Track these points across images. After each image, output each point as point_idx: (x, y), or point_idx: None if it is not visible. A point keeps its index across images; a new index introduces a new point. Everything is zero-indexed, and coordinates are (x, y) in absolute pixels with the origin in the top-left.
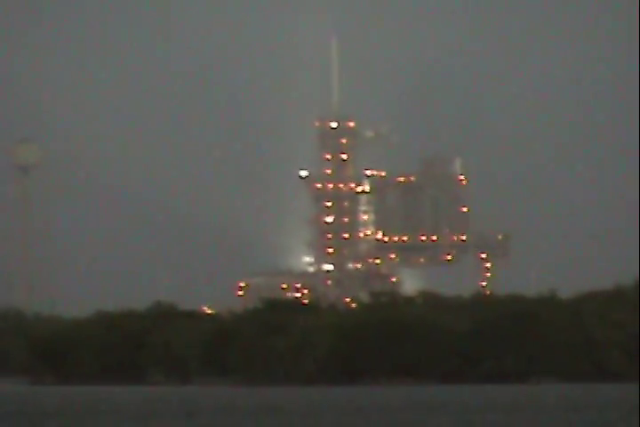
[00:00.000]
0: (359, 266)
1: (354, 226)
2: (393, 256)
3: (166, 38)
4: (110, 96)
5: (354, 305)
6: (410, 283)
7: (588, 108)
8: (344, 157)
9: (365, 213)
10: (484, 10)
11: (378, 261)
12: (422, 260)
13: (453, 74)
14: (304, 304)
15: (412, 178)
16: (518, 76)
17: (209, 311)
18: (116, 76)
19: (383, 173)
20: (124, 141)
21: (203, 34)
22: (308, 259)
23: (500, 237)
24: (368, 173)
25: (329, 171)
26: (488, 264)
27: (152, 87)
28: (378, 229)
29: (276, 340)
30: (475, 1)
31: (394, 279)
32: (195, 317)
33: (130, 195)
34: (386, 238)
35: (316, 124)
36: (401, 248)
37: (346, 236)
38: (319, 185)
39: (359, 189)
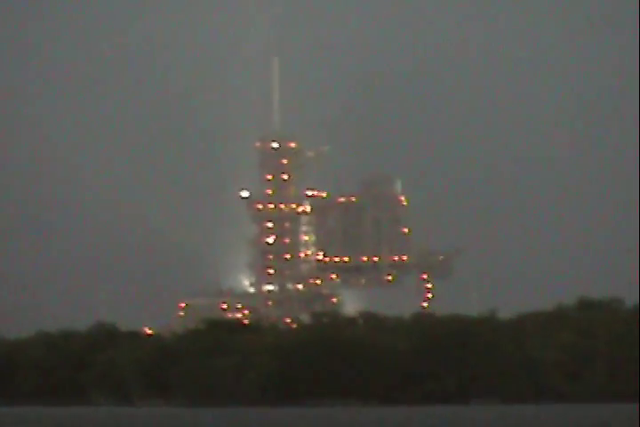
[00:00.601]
0: (300, 287)
1: (295, 246)
2: (334, 277)
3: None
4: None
5: (295, 326)
6: (351, 303)
7: (525, 121)
8: (285, 177)
9: (306, 233)
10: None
11: (319, 281)
12: (363, 280)
13: (392, 94)
14: (245, 325)
15: (353, 198)
16: (457, 93)
17: (150, 332)
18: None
19: (324, 194)
20: (64, 151)
21: (144, 49)
22: (248, 279)
23: (440, 257)
24: (309, 193)
25: (270, 191)
26: (429, 285)
27: (96, 101)
28: (319, 249)
29: (218, 360)
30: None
31: (335, 300)
32: (136, 337)
33: (70, 211)
34: (327, 259)
35: (257, 144)
36: (342, 269)
37: (287, 256)
38: (260, 205)
39: (300, 209)
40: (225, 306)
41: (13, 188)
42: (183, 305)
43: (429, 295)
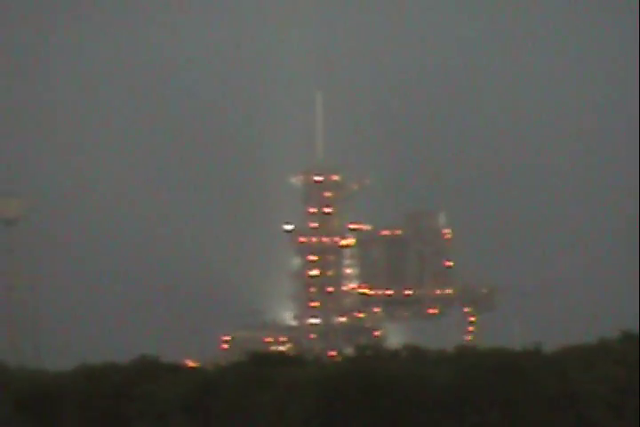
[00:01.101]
0: (343, 320)
1: (338, 279)
2: (377, 310)
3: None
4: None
5: (338, 358)
6: (394, 337)
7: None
8: (328, 210)
9: (350, 266)
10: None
11: (362, 314)
12: (407, 313)
13: (438, 126)
14: (288, 357)
15: (397, 232)
16: (502, 128)
17: (193, 364)
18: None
19: (368, 227)
20: (107, 193)
21: (190, 86)
22: (292, 312)
23: (484, 290)
24: (352, 226)
25: (313, 224)
26: (473, 318)
27: (138, 140)
28: (362, 282)
29: (261, 393)
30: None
31: (378, 333)
32: (178, 370)
33: (116, 247)
34: (370, 292)
35: (301, 177)
36: (385, 302)
37: (330, 289)
38: (304, 239)
39: (343, 242)
40: (269, 339)
41: (57, 221)
42: (227, 338)
43: (472, 329)
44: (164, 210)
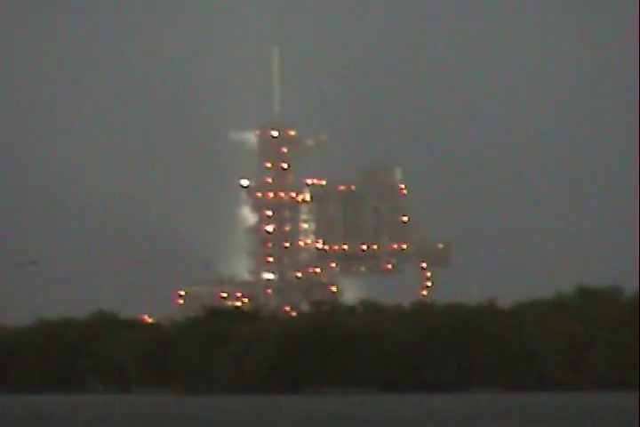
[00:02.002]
0: (299, 275)
1: (294, 235)
2: (333, 265)
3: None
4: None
5: (294, 314)
6: (350, 292)
7: (528, 108)
8: (284, 165)
9: (306, 222)
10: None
11: (318, 270)
12: (363, 269)
13: (394, 82)
14: (244, 313)
15: (353, 187)
16: (459, 82)
17: (149, 320)
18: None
19: (324, 182)
20: (64, 140)
21: (144, 37)
22: (248, 268)
23: (440, 246)
24: (309, 181)
25: (269, 180)
26: (428, 273)
27: (94, 90)
28: (318, 238)
29: (218, 349)
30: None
31: (334, 288)
32: (135, 325)
33: (69, 200)
34: (326, 247)
35: (257, 132)
36: (341, 257)
37: (286, 245)
38: (260, 194)
39: (300, 198)
40: (224, 294)
41: (20, 176)
42: (182, 293)
43: (428, 284)
44: (118, 166)
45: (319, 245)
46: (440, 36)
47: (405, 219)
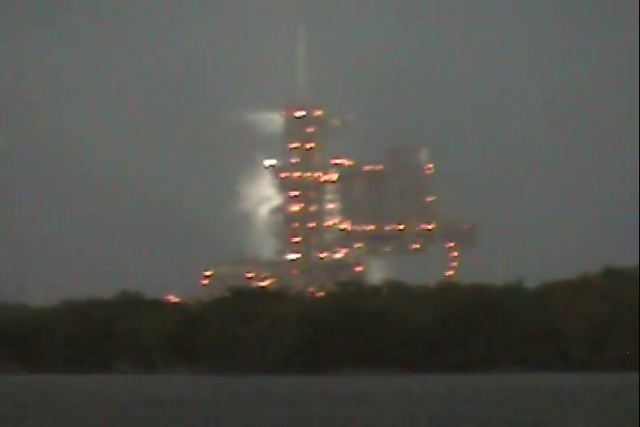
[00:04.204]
0: (325, 255)
1: (320, 215)
2: (359, 245)
3: (131, 25)
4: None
5: (320, 294)
6: (376, 272)
7: (555, 96)
8: (310, 145)
9: (332, 202)
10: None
11: (344, 250)
12: (388, 249)
13: (422, 63)
14: (270, 293)
15: (379, 167)
16: (486, 66)
17: (175, 300)
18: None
19: (350, 163)
20: (90, 126)
21: (167, 22)
22: (273, 248)
23: (466, 226)
24: (335, 162)
25: (295, 160)
26: (454, 253)
27: (116, 73)
28: (344, 218)
29: (243, 329)
30: None
31: (360, 269)
32: (161, 305)
33: (96, 183)
34: (352, 228)
35: (283, 112)
36: (367, 238)
37: (312, 225)
38: (285, 174)
39: (325, 178)
40: (250, 274)
41: (41, 159)
42: (208, 274)
43: (454, 264)
44: (144, 147)
45: (345, 226)
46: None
47: (431, 199)
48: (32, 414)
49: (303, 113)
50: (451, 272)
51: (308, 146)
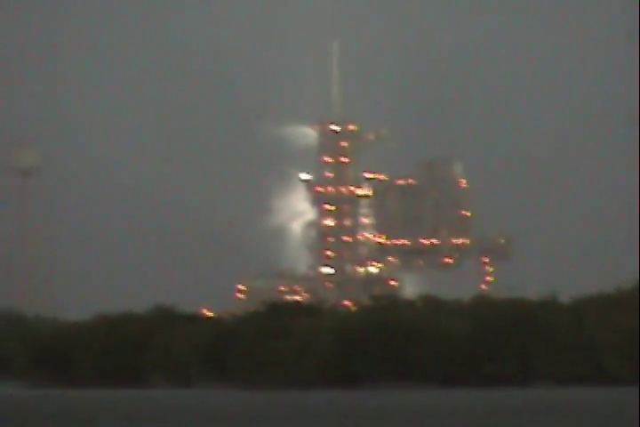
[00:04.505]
0: (359, 269)
1: (354, 229)
2: (393, 260)
3: (166, 39)
4: (112, 98)
5: (354, 308)
6: (410, 287)
7: (593, 109)
8: (344, 160)
9: (366, 216)
10: (485, 11)
11: (378, 264)
12: (423, 263)
13: (456, 76)
14: (304, 307)
15: (413, 181)
16: (521, 78)
17: (209, 314)
18: (117, 77)
19: (384, 177)
20: (123, 142)
21: (202, 35)
22: (307, 262)
23: (501, 240)
24: (368, 176)
25: (329, 174)
26: (489, 268)
27: (151, 90)
28: (378, 232)
29: (278, 343)
30: (476, 2)
31: (394, 283)
32: (195, 320)
33: (130, 198)
34: (386, 242)
35: (317, 127)
36: (401, 252)
37: (346, 239)
38: (320, 188)
39: (360, 192)
40: (284, 288)
41: (76, 173)
42: (242, 288)
43: (489, 279)
44: (179, 162)
45: (379, 240)
46: (501, 31)
47: (466, 213)
48: None
49: (337, 127)
50: (485, 286)
51: (341, 160)
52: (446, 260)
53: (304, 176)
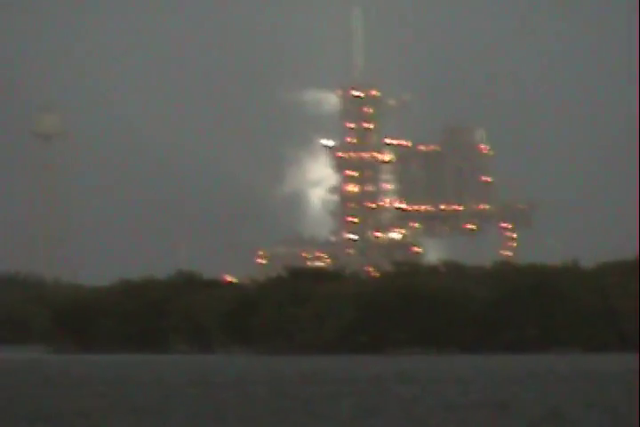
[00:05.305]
0: (381, 235)
1: (376, 195)
2: (415, 225)
3: (188, 11)
4: (138, 65)
5: (376, 274)
6: (432, 252)
7: (612, 77)
8: (367, 125)
9: (388, 182)
10: None
11: (400, 230)
12: (445, 229)
13: (479, 42)
14: (327, 273)
15: (435, 147)
16: (543, 48)
17: (231, 280)
18: (142, 42)
19: (406, 143)
20: (146, 108)
21: (226, 4)
22: (330, 228)
23: (523, 206)
24: (391, 142)
25: (352, 140)
26: (511, 234)
27: (173, 58)
28: (400, 198)
29: (298, 309)
30: None
31: (416, 249)
32: (216, 285)
33: (153, 165)
34: (408, 208)
35: (339, 92)
36: (423, 217)
37: (369, 205)
38: (342, 154)
39: (382, 158)
40: (306, 254)
41: (97, 140)
42: (264, 253)
43: (511, 244)
44: (200, 128)
45: (401, 206)
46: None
47: (488, 179)
48: (87, 393)
49: (360, 93)
50: (507, 252)
51: (364, 126)
52: (468, 226)
53: (326, 142)
